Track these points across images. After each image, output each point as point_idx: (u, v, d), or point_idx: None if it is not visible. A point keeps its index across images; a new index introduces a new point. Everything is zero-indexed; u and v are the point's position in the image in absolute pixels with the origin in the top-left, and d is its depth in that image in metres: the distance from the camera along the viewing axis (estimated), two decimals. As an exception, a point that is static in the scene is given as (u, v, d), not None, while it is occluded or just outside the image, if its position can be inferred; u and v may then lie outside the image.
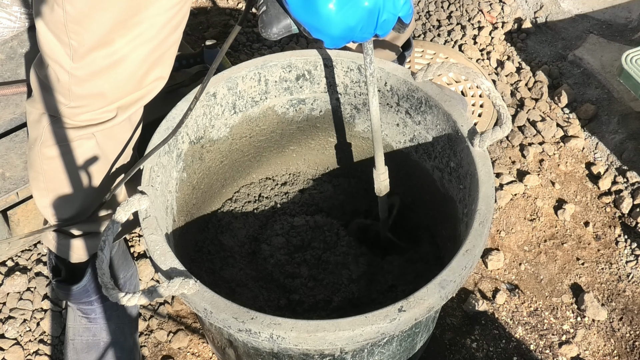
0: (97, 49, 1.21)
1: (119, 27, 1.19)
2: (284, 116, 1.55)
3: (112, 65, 1.24)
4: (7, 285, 1.72)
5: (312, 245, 1.56)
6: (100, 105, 1.30)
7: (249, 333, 1.07)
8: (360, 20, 1.01)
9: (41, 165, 1.38)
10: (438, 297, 1.11)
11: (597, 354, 1.66)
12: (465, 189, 1.33)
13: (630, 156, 1.97)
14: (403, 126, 1.49)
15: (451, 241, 1.42)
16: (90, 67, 1.23)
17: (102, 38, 1.20)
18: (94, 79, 1.25)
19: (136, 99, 1.32)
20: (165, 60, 1.30)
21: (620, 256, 1.82)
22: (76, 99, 1.28)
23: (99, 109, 1.30)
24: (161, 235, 1.17)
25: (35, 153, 1.38)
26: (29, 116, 1.38)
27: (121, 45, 1.22)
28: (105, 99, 1.29)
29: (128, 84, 1.29)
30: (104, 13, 1.16)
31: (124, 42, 1.21)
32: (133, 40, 1.22)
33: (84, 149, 1.34)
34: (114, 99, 1.30)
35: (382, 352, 1.25)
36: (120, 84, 1.28)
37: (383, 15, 1.02)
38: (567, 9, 2.37)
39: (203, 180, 1.51)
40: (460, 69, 1.28)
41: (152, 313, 1.69)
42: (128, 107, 1.33)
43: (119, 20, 1.18)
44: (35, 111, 1.36)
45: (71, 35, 1.19)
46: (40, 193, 1.43)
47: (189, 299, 1.10)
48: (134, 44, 1.23)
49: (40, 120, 1.35)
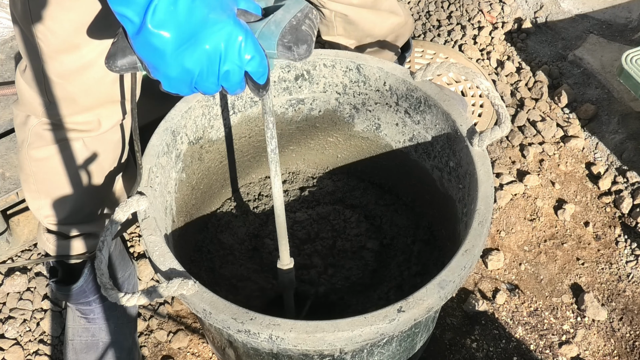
0: (64, 51, 1.20)
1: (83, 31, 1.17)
2: (283, 116, 1.55)
3: (80, 70, 1.22)
4: (7, 285, 1.72)
5: (321, 235, 1.57)
6: (74, 111, 1.28)
7: (248, 334, 1.07)
8: (199, 63, 0.91)
9: (30, 168, 1.38)
10: (437, 298, 1.10)
11: (597, 354, 1.66)
12: (464, 188, 1.33)
13: (630, 156, 1.96)
14: (402, 126, 1.49)
15: (450, 241, 1.42)
16: (59, 70, 1.22)
17: (67, 40, 1.18)
18: (63, 82, 1.24)
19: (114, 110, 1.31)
20: None
21: (620, 256, 1.82)
22: (56, 101, 1.27)
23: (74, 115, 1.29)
24: (160, 236, 1.17)
25: (24, 155, 1.37)
26: (15, 119, 1.38)
27: (88, 50, 1.20)
28: (76, 105, 1.27)
29: (98, 90, 1.27)
30: (66, 15, 1.15)
31: (90, 47, 1.20)
32: (100, 44, 1.20)
33: (72, 150, 1.33)
34: (86, 106, 1.28)
35: (382, 352, 1.25)
36: (90, 89, 1.26)
37: (225, 64, 0.92)
38: (567, 9, 2.36)
39: (202, 180, 1.51)
40: (459, 68, 1.28)
41: (152, 313, 1.69)
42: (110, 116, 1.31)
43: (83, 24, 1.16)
44: (20, 113, 1.35)
45: (38, 35, 1.18)
46: (31, 195, 1.42)
47: (188, 300, 1.10)
48: (101, 48, 1.21)
49: (26, 122, 1.34)
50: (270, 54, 0.98)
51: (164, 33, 0.88)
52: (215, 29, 0.89)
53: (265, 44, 0.97)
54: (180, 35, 0.89)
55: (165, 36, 0.88)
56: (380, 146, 1.57)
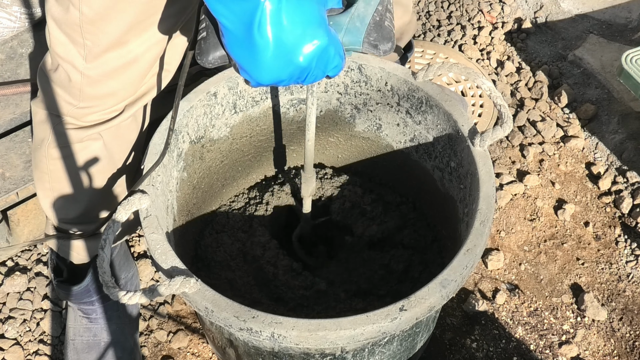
0: (112, 49, 1.21)
1: (134, 29, 1.19)
2: (285, 116, 1.55)
3: (126, 66, 1.24)
4: (7, 285, 1.72)
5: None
6: (110, 105, 1.30)
7: (250, 332, 1.07)
8: (292, 75, 0.97)
9: (47, 166, 1.38)
10: (439, 297, 1.11)
11: (597, 354, 1.66)
12: (465, 188, 1.33)
13: (630, 156, 1.97)
14: (403, 126, 1.49)
15: (452, 241, 1.42)
16: (104, 68, 1.24)
17: (117, 39, 1.20)
18: (106, 79, 1.25)
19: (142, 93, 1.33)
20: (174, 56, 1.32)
21: (620, 256, 1.82)
22: (86, 100, 1.28)
23: (108, 108, 1.30)
24: (162, 234, 1.17)
25: (42, 153, 1.37)
26: (34, 116, 1.38)
27: (135, 46, 1.22)
28: (115, 98, 1.29)
29: (139, 82, 1.29)
30: (121, 15, 1.17)
31: (138, 42, 1.22)
32: (147, 40, 1.22)
33: (91, 150, 1.35)
34: (124, 97, 1.30)
35: (383, 351, 1.25)
36: (132, 83, 1.28)
37: (312, 75, 0.98)
38: (567, 9, 2.37)
39: (203, 179, 1.51)
40: (460, 69, 1.28)
41: (152, 313, 1.69)
42: (135, 102, 1.33)
43: (135, 22, 1.18)
44: (41, 111, 1.35)
45: (86, 36, 1.19)
46: (44, 193, 1.43)
47: (190, 298, 1.10)
48: (148, 44, 1.23)
49: (47, 120, 1.35)
50: (355, 48, 1.03)
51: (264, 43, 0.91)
52: (311, 45, 0.94)
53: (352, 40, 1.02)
54: (280, 47, 0.92)
55: (265, 47, 0.92)
56: (381, 146, 1.57)
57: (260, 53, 0.93)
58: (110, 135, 1.34)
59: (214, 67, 1.07)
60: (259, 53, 0.93)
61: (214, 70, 1.83)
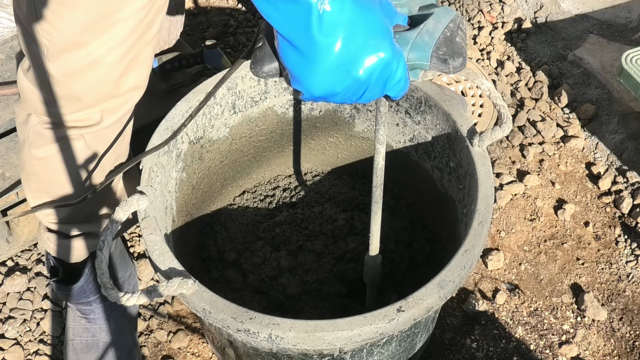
0: (70, 50, 1.19)
1: (90, 29, 1.16)
2: (284, 116, 1.55)
3: (86, 68, 1.21)
4: (7, 285, 1.72)
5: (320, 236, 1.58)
6: (77, 109, 1.27)
7: (248, 333, 1.07)
8: (347, 89, 0.90)
9: (31, 167, 1.37)
10: (437, 297, 1.11)
11: (597, 354, 1.66)
12: (464, 188, 1.33)
13: (630, 156, 1.96)
14: (403, 126, 1.49)
15: (450, 241, 1.42)
16: (65, 68, 1.21)
17: (73, 39, 1.17)
18: (68, 81, 1.23)
19: (116, 105, 1.30)
20: (141, 62, 1.27)
21: (620, 256, 1.82)
22: (58, 99, 1.26)
23: (76, 112, 1.28)
24: (160, 235, 1.17)
25: (25, 154, 1.37)
26: (17, 117, 1.38)
27: (94, 48, 1.19)
28: (80, 103, 1.26)
29: (103, 87, 1.26)
30: (73, 12, 1.14)
31: (97, 44, 1.18)
32: (106, 42, 1.19)
33: (74, 149, 1.33)
34: (90, 103, 1.27)
35: (382, 352, 1.25)
36: (95, 87, 1.25)
37: (370, 91, 0.91)
38: (567, 9, 2.36)
39: (203, 180, 1.51)
40: (460, 69, 1.28)
41: (152, 313, 1.69)
42: (112, 112, 1.30)
43: (90, 22, 1.15)
44: (22, 112, 1.35)
45: (43, 34, 1.17)
46: (33, 194, 1.42)
47: (187, 299, 1.10)
48: (108, 46, 1.19)
49: (27, 121, 1.34)
50: (421, 65, 0.96)
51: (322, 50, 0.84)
52: (374, 57, 0.87)
53: (419, 55, 0.95)
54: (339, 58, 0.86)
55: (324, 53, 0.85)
56: (381, 146, 1.57)
57: (316, 61, 0.85)
58: (92, 137, 1.32)
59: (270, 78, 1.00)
60: (315, 61, 0.86)
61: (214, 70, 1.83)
